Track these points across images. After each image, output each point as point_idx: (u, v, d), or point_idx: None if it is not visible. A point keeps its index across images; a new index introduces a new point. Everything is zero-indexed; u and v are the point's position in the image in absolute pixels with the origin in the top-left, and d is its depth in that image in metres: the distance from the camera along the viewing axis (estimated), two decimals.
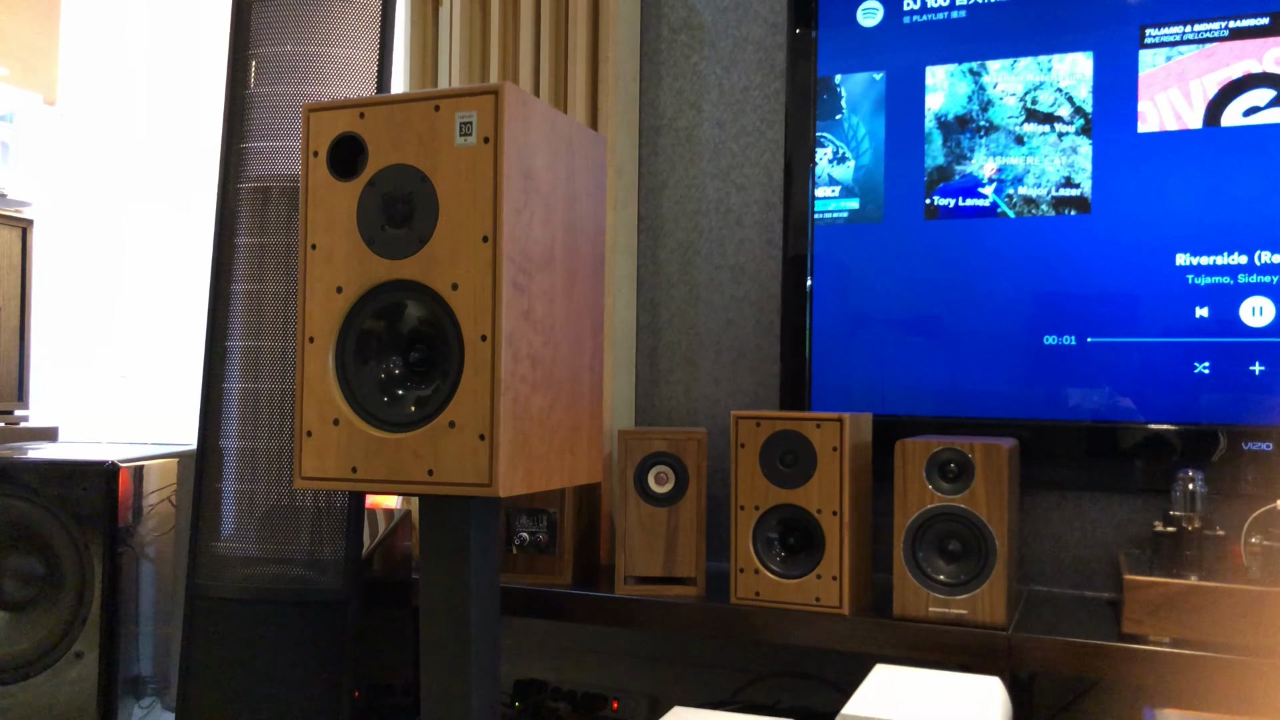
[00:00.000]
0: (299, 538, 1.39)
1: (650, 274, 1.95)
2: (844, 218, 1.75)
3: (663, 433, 1.60)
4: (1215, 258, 1.55)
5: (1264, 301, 1.52)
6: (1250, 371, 1.53)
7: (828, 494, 1.48)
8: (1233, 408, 1.54)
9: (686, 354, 1.92)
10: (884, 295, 1.73)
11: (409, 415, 1.12)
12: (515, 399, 1.10)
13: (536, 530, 1.67)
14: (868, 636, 1.45)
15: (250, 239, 1.43)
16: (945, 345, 1.69)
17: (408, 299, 1.13)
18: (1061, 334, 1.63)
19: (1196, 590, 1.32)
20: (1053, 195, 1.63)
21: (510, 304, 1.09)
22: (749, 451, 1.53)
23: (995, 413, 1.66)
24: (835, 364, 1.76)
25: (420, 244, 1.11)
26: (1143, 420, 1.58)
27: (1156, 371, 1.57)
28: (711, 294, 1.91)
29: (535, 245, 1.14)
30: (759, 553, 1.52)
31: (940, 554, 1.44)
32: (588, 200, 1.27)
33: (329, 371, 1.15)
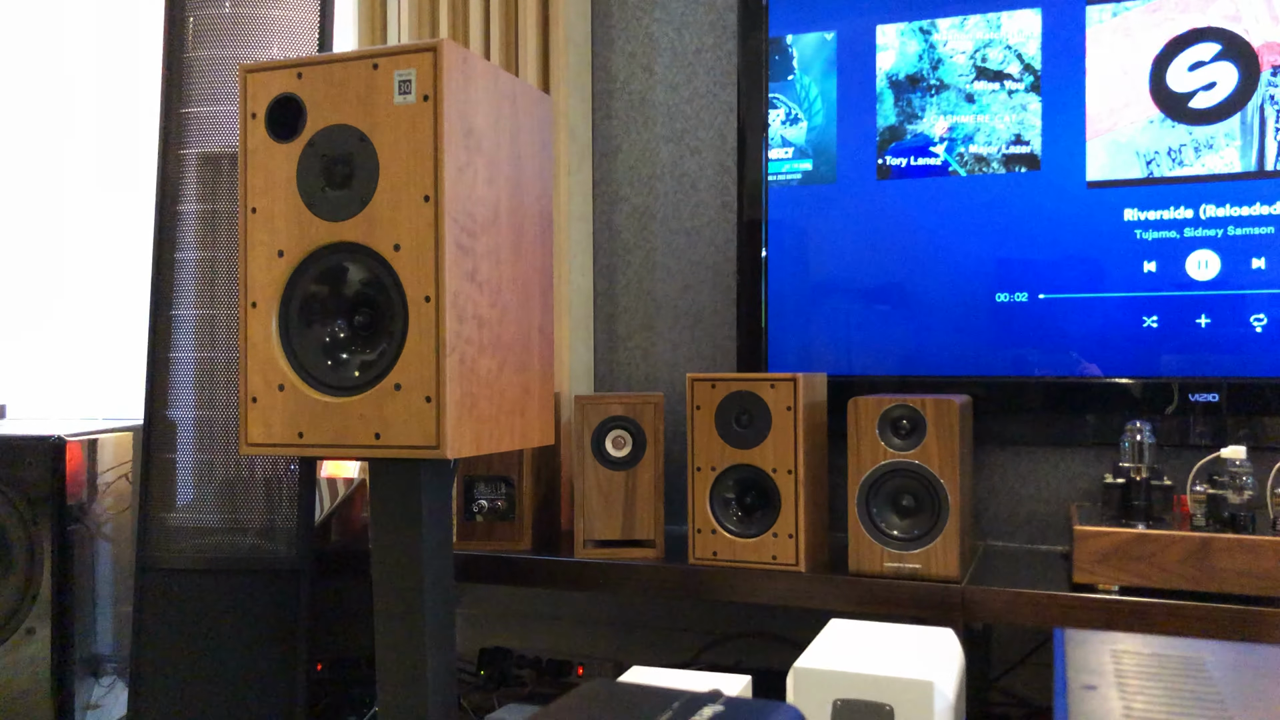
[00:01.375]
0: (252, 507, 1.38)
1: (606, 240, 1.94)
2: (797, 179, 1.75)
3: (619, 397, 1.60)
4: (1162, 212, 1.56)
5: (1209, 255, 1.54)
6: (1196, 324, 1.55)
7: (783, 453, 1.49)
8: (1180, 360, 1.56)
9: (644, 319, 1.92)
10: (839, 256, 1.73)
11: (354, 379, 1.11)
12: (462, 360, 1.09)
13: (495, 497, 1.67)
14: (824, 592, 1.46)
15: (193, 206, 1.41)
16: (899, 305, 1.70)
17: (350, 261, 1.12)
18: (1013, 291, 1.64)
19: (1144, 539, 1.33)
20: (1003, 153, 1.64)
21: (454, 264, 1.08)
22: (705, 413, 1.53)
23: (950, 371, 1.68)
24: (791, 326, 1.76)
25: (361, 205, 1.10)
26: (1093, 375, 1.60)
27: (1106, 326, 1.59)
28: (668, 259, 1.90)
29: (479, 205, 1.13)
30: (716, 513, 1.53)
31: (894, 510, 1.45)
32: (534, 160, 1.26)
33: (272, 336, 1.14)
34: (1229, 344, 1.53)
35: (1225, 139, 1.53)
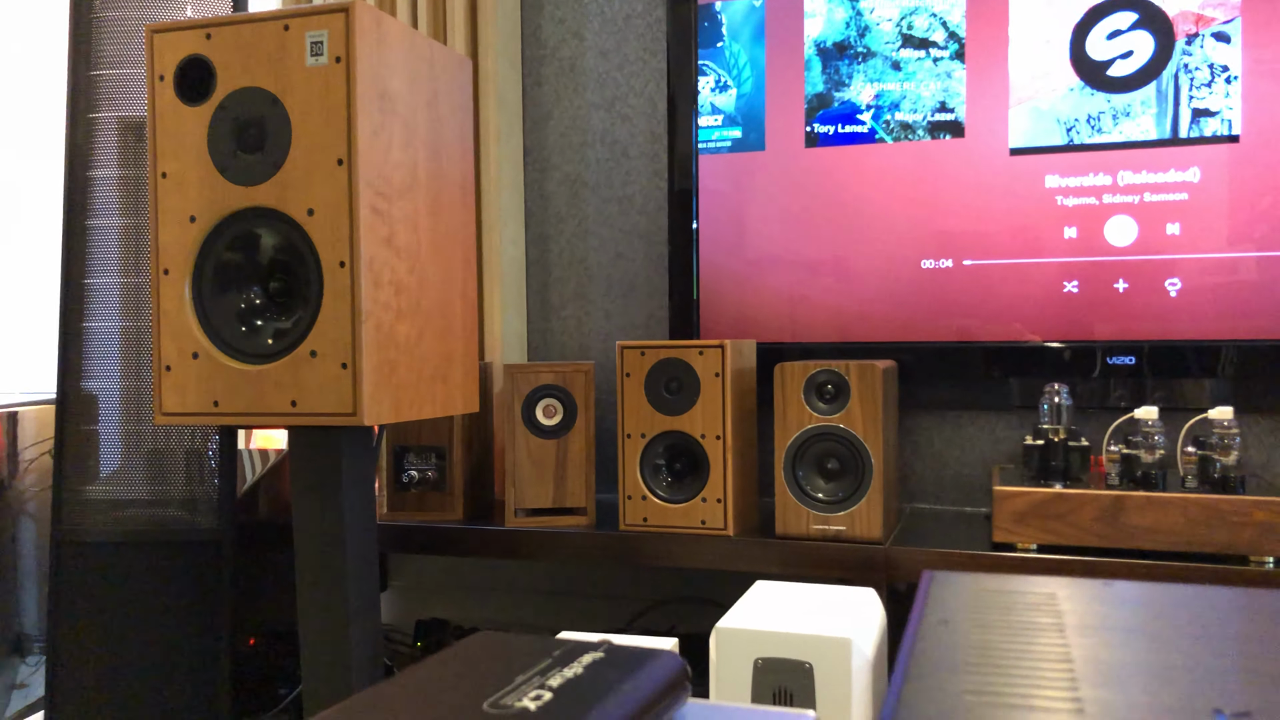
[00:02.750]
0: (172, 478, 1.36)
1: (538, 208, 1.93)
2: (727, 147, 1.75)
3: (549, 366, 1.60)
4: (1082, 179, 1.59)
5: (1127, 221, 1.57)
6: (1115, 289, 1.58)
7: (711, 419, 1.50)
8: (1098, 324, 1.59)
9: (577, 288, 1.92)
10: (769, 224, 1.74)
11: (269, 346, 1.10)
12: (378, 327, 1.08)
13: (426, 468, 1.66)
14: (752, 556, 1.48)
15: (108, 171, 1.37)
16: (828, 272, 1.71)
17: (264, 227, 1.10)
18: (939, 258, 1.66)
19: (1060, 498, 1.37)
20: (928, 120, 1.65)
21: (369, 229, 1.07)
22: (634, 381, 1.53)
23: (879, 337, 1.70)
24: (723, 294, 1.77)
25: (274, 169, 1.08)
26: (1016, 339, 1.63)
27: (1029, 291, 1.62)
28: (600, 227, 1.90)
29: (395, 169, 1.12)
30: (646, 479, 1.54)
31: (820, 473, 1.47)
32: (454, 125, 1.24)
33: (186, 304, 1.12)
34: (1145, 308, 1.57)
35: (1142, 107, 1.55)
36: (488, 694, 0.40)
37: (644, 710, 0.42)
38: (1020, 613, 0.36)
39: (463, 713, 0.38)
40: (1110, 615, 0.36)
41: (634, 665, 0.44)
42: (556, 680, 0.42)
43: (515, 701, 0.39)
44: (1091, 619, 0.35)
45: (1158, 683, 0.29)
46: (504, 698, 0.40)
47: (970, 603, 0.37)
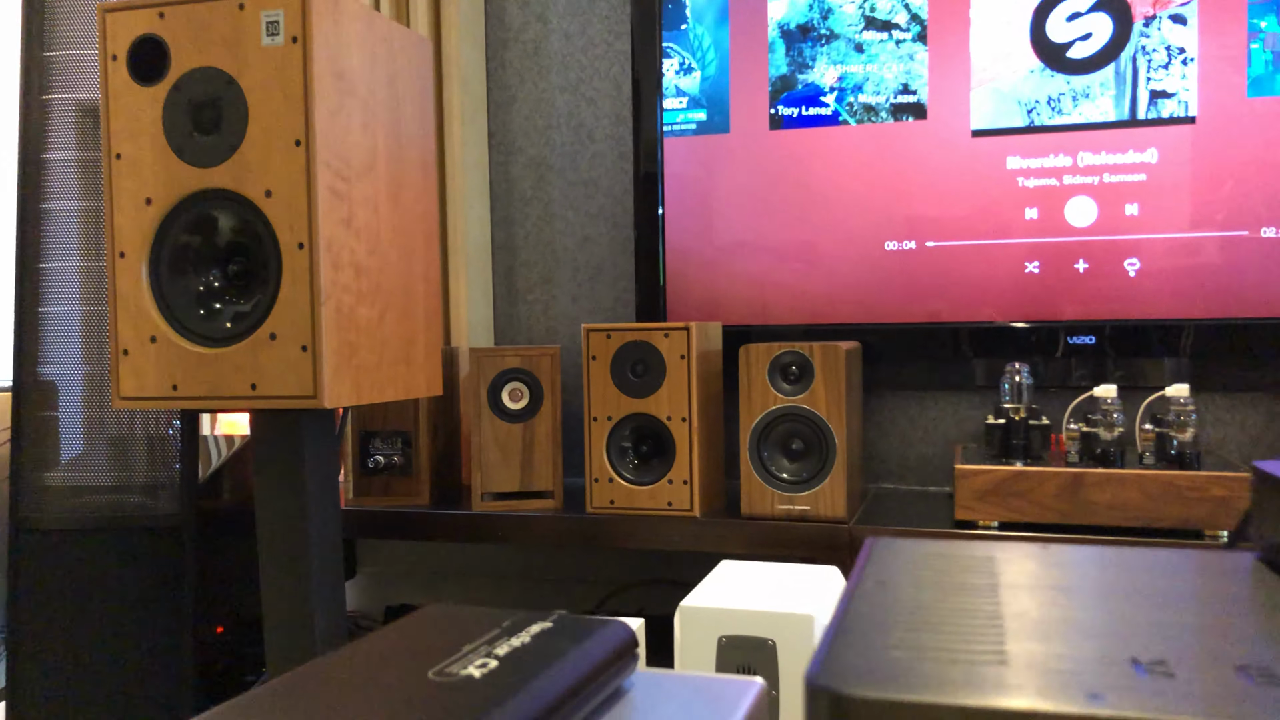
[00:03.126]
0: (133, 464, 1.34)
1: (503, 191, 1.92)
2: (692, 129, 1.75)
3: (515, 350, 1.60)
4: (1042, 160, 1.60)
5: (1087, 202, 1.59)
6: (1075, 269, 1.60)
7: (677, 401, 1.50)
8: (1059, 304, 1.61)
9: (543, 272, 1.91)
10: (734, 206, 1.74)
11: (228, 329, 1.09)
12: (339, 309, 1.08)
13: (391, 453, 1.65)
14: (718, 536, 1.48)
15: (65, 154, 1.35)
16: (793, 255, 1.72)
17: (221, 209, 1.09)
18: (902, 240, 1.67)
19: (1020, 475, 1.38)
20: (891, 102, 1.66)
21: (328, 210, 1.06)
22: (600, 364, 1.53)
23: (843, 319, 1.71)
24: (689, 277, 1.77)
25: (231, 150, 1.07)
26: (978, 320, 1.64)
27: (990, 272, 1.63)
28: (566, 210, 1.89)
29: (354, 150, 1.11)
30: (613, 462, 1.54)
31: (784, 453, 1.48)
32: (414, 106, 1.23)
33: (143, 287, 1.10)
34: (1105, 288, 1.59)
35: (1101, 88, 1.57)
36: (434, 663, 0.40)
37: (591, 677, 0.42)
38: (957, 574, 0.37)
39: (408, 681, 0.38)
40: (1043, 575, 0.37)
41: (582, 634, 0.45)
42: (503, 649, 0.42)
43: (461, 670, 0.40)
44: (1025, 579, 0.36)
45: (1081, 636, 0.30)
46: (450, 666, 0.40)
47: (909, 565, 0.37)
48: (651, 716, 0.43)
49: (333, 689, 0.38)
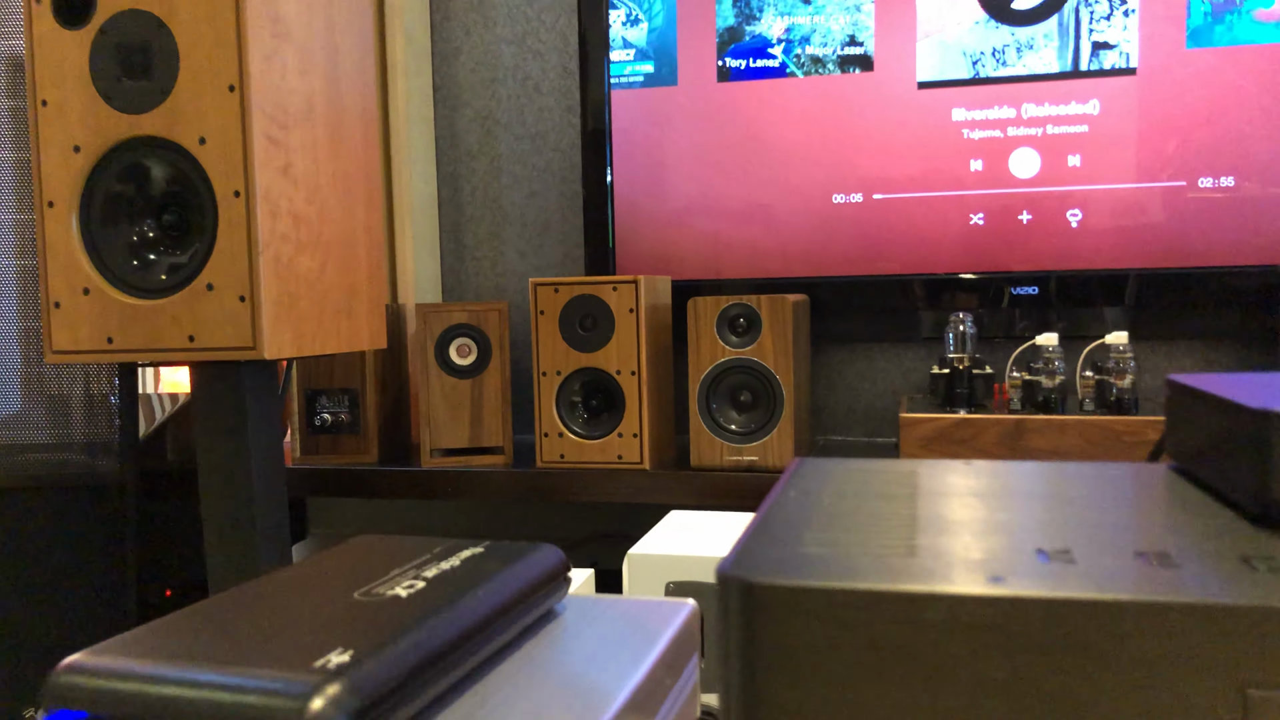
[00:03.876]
0: (72, 421, 1.32)
1: (449, 146, 1.90)
2: (640, 82, 1.74)
3: (462, 306, 1.59)
4: (987, 112, 1.61)
5: (1031, 153, 1.60)
6: (1019, 221, 1.61)
7: (626, 355, 1.50)
8: (1003, 255, 1.63)
9: (491, 228, 1.90)
10: (683, 160, 1.74)
11: (163, 281, 1.06)
12: (277, 259, 1.06)
13: (338, 410, 1.64)
14: (668, 488, 1.49)
15: None
16: (742, 208, 1.72)
17: (154, 156, 1.06)
18: (849, 192, 1.68)
19: (964, 423, 1.40)
20: (838, 54, 1.66)
21: (265, 158, 1.04)
22: (548, 318, 1.53)
23: (792, 273, 1.71)
24: (639, 232, 1.77)
25: (162, 96, 1.04)
26: (924, 272, 1.66)
27: (936, 224, 1.64)
28: (513, 165, 1.88)
29: (291, 96, 1.08)
30: (562, 416, 1.54)
31: (733, 405, 1.49)
32: (353, 54, 1.21)
33: (73, 238, 1.08)
34: (1048, 239, 1.61)
35: (1044, 40, 1.58)
36: (361, 585, 0.40)
37: (520, 599, 0.42)
38: (877, 485, 0.37)
39: (333, 602, 0.38)
40: (962, 485, 0.37)
41: (512, 557, 0.45)
42: (432, 572, 0.42)
43: (388, 591, 0.39)
44: (943, 488, 0.37)
45: (990, 531, 0.30)
46: (377, 588, 0.40)
47: (831, 478, 0.38)
48: (581, 637, 0.43)
49: (255, 610, 0.37)
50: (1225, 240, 1.54)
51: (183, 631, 0.36)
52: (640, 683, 0.39)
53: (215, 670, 0.32)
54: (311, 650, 0.33)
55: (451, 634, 0.36)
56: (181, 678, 0.32)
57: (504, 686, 0.37)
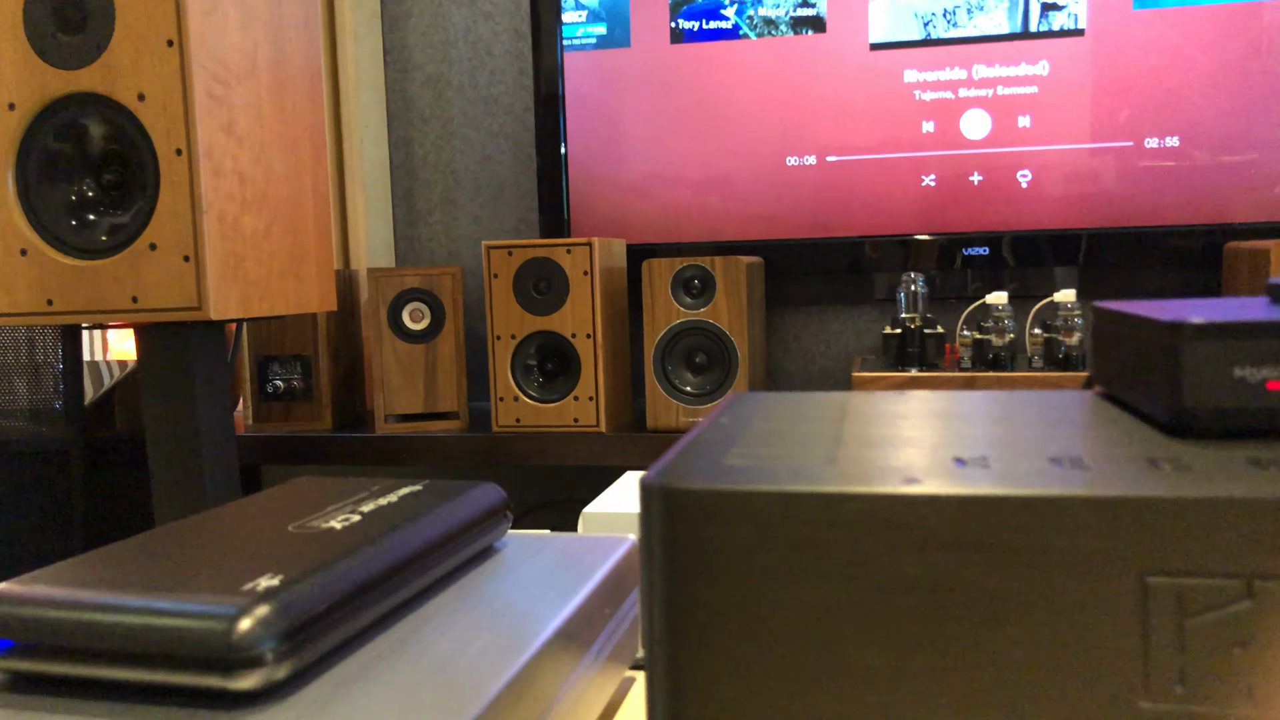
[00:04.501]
0: (15, 387, 1.29)
1: (400, 110, 1.87)
2: (593, 44, 1.72)
3: (415, 270, 1.57)
4: (938, 73, 1.62)
5: (981, 114, 1.61)
6: (970, 182, 1.63)
7: (581, 318, 1.50)
8: (955, 216, 1.64)
9: (444, 193, 1.88)
10: (637, 123, 1.73)
11: (104, 241, 1.05)
12: (221, 218, 1.04)
13: (291, 377, 1.62)
14: (624, 450, 1.50)
15: None
16: (697, 171, 1.72)
17: (92, 114, 1.04)
18: (803, 155, 1.68)
19: (914, 381, 1.42)
20: (790, 16, 1.65)
21: (206, 115, 1.02)
22: (502, 281, 1.52)
23: (747, 235, 1.72)
24: (594, 195, 1.76)
25: (98, 51, 1.02)
26: (877, 234, 1.67)
27: (889, 186, 1.65)
28: (466, 129, 1.86)
29: (232, 53, 1.06)
30: (518, 380, 1.54)
31: (688, 367, 1.50)
32: (296, 10, 1.19)
33: (9, 197, 1.05)
34: (998, 200, 1.62)
35: (995, 0, 1.59)
36: (296, 520, 0.40)
37: (456, 533, 0.42)
38: (808, 411, 0.37)
39: (266, 534, 0.38)
40: (890, 409, 0.38)
41: (450, 494, 0.45)
42: (368, 506, 0.42)
43: (322, 523, 0.39)
44: (871, 412, 0.37)
45: (911, 445, 0.31)
46: (311, 521, 0.40)
47: (763, 407, 0.38)
48: (519, 570, 0.43)
49: (187, 542, 0.37)
50: (1171, 200, 1.57)
51: (112, 562, 0.35)
52: (575, 611, 0.39)
53: (143, 596, 0.32)
54: (241, 577, 0.33)
55: (384, 563, 0.36)
56: (108, 604, 0.31)
57: (439, 614, 0.38)
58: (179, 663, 0.30)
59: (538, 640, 0.35)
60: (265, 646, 0.30)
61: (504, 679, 0.32)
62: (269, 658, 0.30)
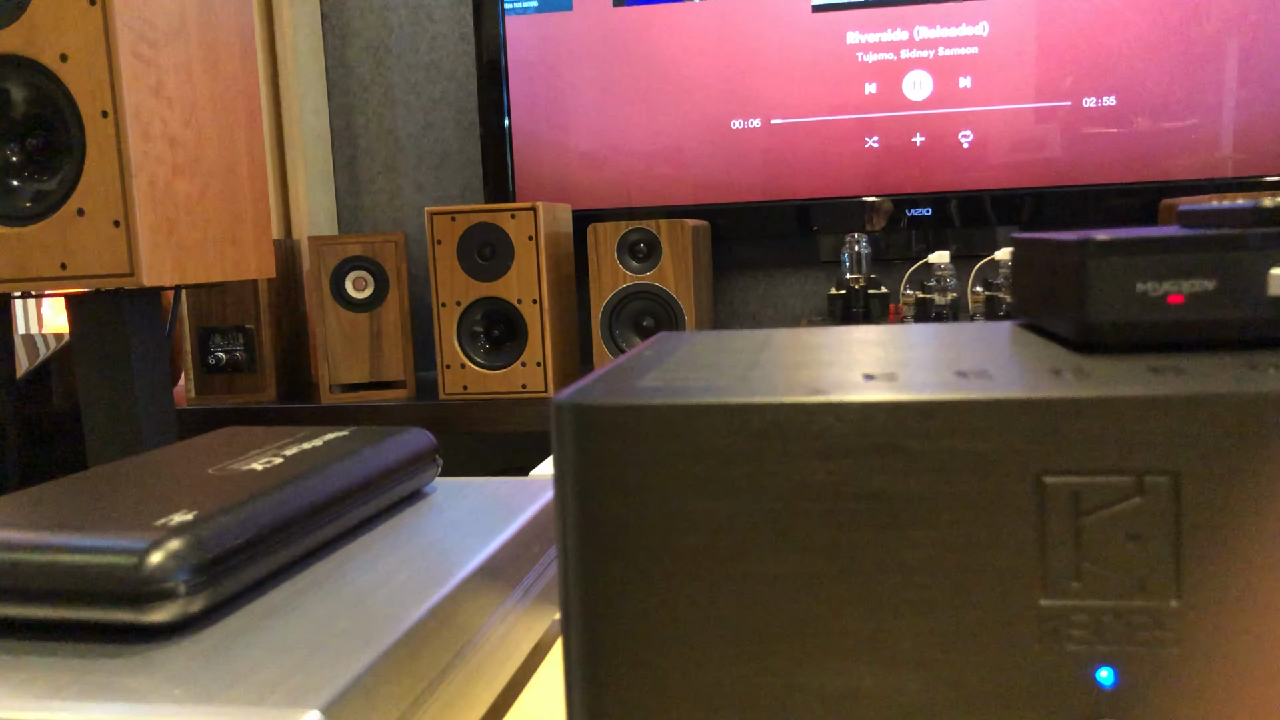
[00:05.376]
0: None
1: (340, 77, 1.84)
2: (534, 7, 1.71)
3: (357, 238, 1.55)
4: (880, 35, 1.63)
5: (923, 75, 1.62)
6: (913, 143, 1.64)
7: (527, 283, 1.49)
8: (898, 178, 1.65)
9: (387, 161, 1.85)
10: (580, 87, 1.72)
11: (29, 208, 1.02)
12: (152, 182, 1.02)
13: (233, 348, 1.60)
14: None
15: None
16: (642, 135, 1.71)
17: (13, 76, 1.01)
18: (747, 118, 1.68)
19: None
20: None
21: (133, 76, 0.99)
22: (446, 248, 1.50)
23: (694, 200, 1.71)
24: (539, 161, 1.74)
25: (18, 11, 0.99)
26: (822, 196, 1.68)
27: (832, 149, 1.66)
28: (408, 96, 1.83)
29: (158, 12, 1.04)
30: (464, 347, 1.53)
31: (635, 330, 1.50)
32: None
33: None
34: (941, 160, 1.64)
35: None
36: (218, 463, 0.39)
37: (382, 476, 0.42)
38: (730, 343, 0.37)
39: (186, 476, 0.38)
40: (811, 340, 0.38)
41: (376, 438, 0.44)
42: (292, 450, 0.42)
43: (243, 466, 0.39)
44: (793, 343, 0.37)
45: (825, 364, 0.31)
46: (232, 464, 0.39)
47: (688, 342, 0.38)
48: (448, 512, 0.43)
49: (104, 485, 0.36)
50: (1108, 159, 1.59)
51: (26, 504, 0.35)
52: (500, 548, 0.39)
53: (55, 534, 0.31)
54: (155, 514, 0.32)
55: (303, 502, 0.36)
56: (19, 542, 0.31)
57: (363, 553, 0.37)
58: (92, 598, 0.30)
59: (460, 574, 0.35)
60: (177, 579, 0.30)
61: (423, 610, 0.32)
62: (181, 590, 0.30)
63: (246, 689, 0.26)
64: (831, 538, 0.26)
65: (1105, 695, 0.25)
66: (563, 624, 0.27)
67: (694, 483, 0.26)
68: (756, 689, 0.27)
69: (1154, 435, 0.25)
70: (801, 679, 0.26)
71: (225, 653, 0.29)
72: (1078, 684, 0.25)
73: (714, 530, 0.26)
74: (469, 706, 0.34)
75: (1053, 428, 0.25)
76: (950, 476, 0.25)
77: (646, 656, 0.27)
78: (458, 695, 0.34)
